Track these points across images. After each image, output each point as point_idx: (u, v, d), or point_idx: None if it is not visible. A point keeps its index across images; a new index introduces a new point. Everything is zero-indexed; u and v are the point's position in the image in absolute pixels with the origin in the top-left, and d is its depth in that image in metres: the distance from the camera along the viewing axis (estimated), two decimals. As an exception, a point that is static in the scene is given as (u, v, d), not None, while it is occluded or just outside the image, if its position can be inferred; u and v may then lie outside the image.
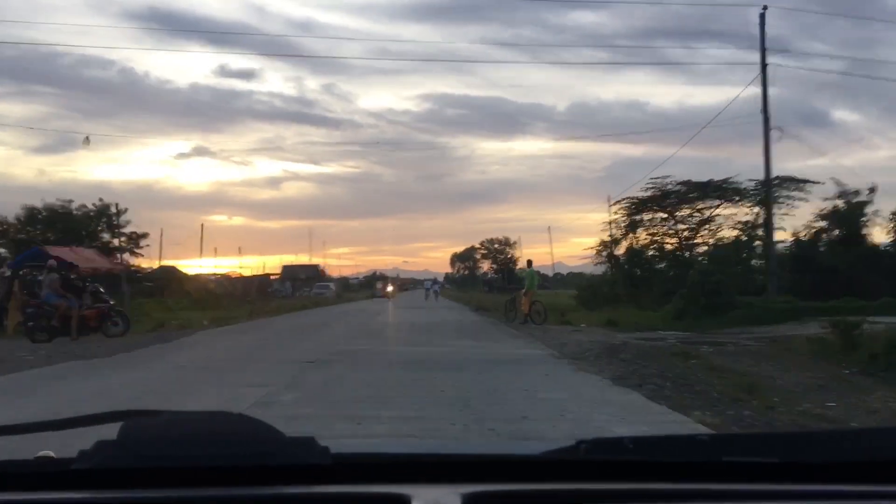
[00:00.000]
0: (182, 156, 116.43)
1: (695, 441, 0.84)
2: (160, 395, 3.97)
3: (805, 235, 13.64)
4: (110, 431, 0.74)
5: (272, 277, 34.09)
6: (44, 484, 0.74)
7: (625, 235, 14.62)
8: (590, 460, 0.78)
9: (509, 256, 56.09)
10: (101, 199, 15.70)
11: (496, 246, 58.42)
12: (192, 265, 26.59)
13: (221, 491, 0.73)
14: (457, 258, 71.79)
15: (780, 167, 14.21)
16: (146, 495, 0.72)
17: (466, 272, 71.74)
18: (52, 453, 0.75)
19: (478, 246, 61.99)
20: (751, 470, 0.77)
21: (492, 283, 52.65)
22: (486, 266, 62.81)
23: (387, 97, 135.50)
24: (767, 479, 0.77)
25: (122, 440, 0.74)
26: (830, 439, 0.88)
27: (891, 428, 0.97)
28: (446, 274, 79.55)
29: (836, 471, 0.77)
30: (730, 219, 13.17)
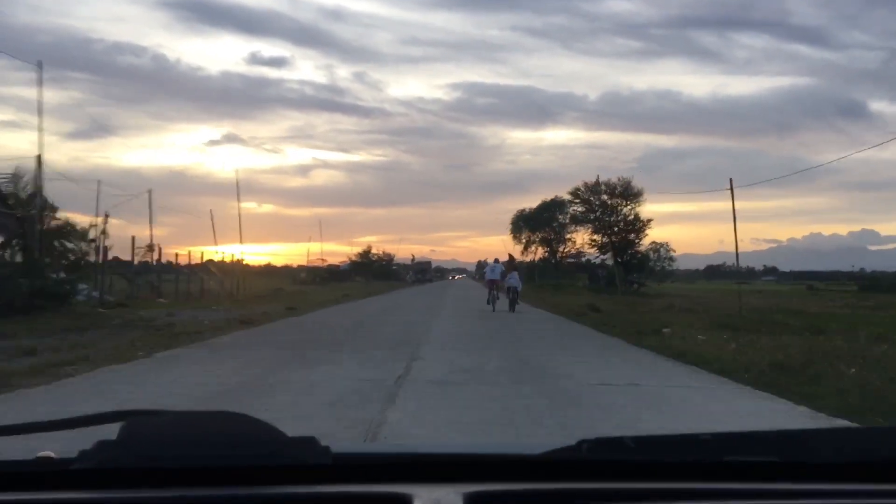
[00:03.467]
0: (213, 143, 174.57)
1: (696, 440, 1.30)
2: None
3: None
4: (111, 431, 1.22)
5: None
6: (44, 484, 1.20)
7: None
8: (591, 460, 1.25)
9: (630, 219, 49.09)
10: None
11: (604, 197, 49.53)
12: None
13: (222, 491, 1.19)
14: (522, 222, 68.83)
15: None
16: (147, 495, 1.18)
17: (546, 251, 66.87)
18: (52, 453, 1.24)
19: (568, 197, 54.10)
20: (752, 469, 1.24)
21: (597, 274, 53.09)
22: (579, 239, 57.89)
23: (417, 86, 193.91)
24: (768, 478, 1.23)
25: (122, 440, 1.21)
26: (831, 439, 1.36)
27: (891, 427, 1.38)
28: (479, 262, 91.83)
29: (836, 470, 1.23)
30: None
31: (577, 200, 53.25)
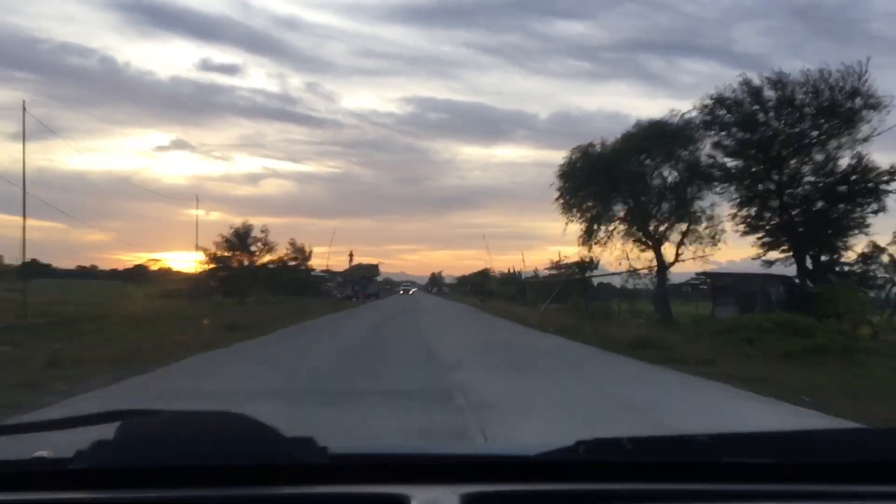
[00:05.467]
0: (161, 148, 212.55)
1: (693, 442, 1.63)
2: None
3: None
4: (108, 432, 1.60)
5: None
6: (40, 484, 1.60)
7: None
8: (588, 461, 1.59)
9: (847, 166, 30.08)
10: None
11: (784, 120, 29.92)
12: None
13: (220, 491, 1.57)
14: (581, 174, 38.54)
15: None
16: (143, 495, 1.56)
17: (642, 247, 37.23)
18: (47, 453, 1.67)
19: (693, 114, 33.07)
20: (748, 470, 1.57)
21: (766, 294, 31.12)
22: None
23: (370, 98, 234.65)
24: (765, 479, 1.56)
25: (119, 440, 1.61)
26: (827, 440, 1.71)
27: (887, 429, 1.82)
28: (432, 275, 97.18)
29: (833, 471, 1.56)
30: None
31: (727, 116, 31.67)
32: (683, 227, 36.85)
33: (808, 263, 30.68)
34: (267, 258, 57.51)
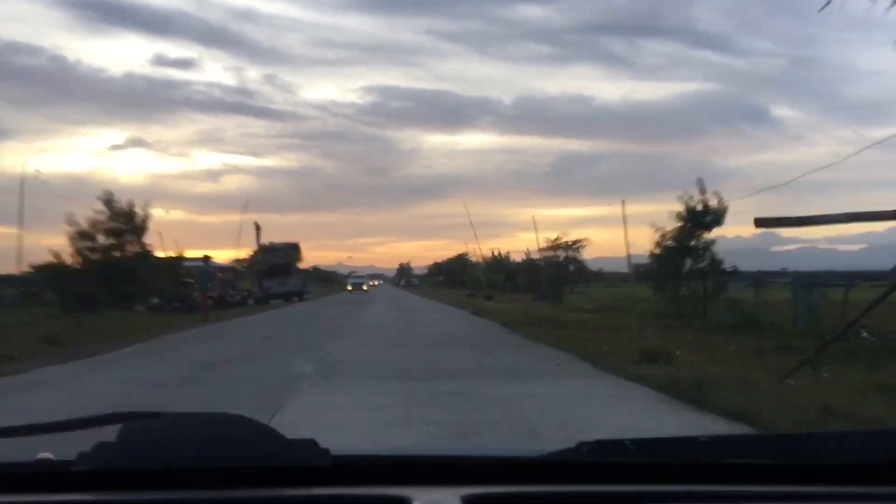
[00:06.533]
0: (116, 147, 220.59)
1: (695, 443, 1.69)
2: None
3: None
4: (110, 433, 1.63)
5: None
6: (43, 486, 1.65)
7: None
8: (590, 462, 1.62)
9: None
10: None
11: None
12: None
13: (221, 493, 1.61)
14: None
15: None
16: (146, 497, 1.61)
17: None
18: (51, 455, 1.68)
19: None
20: (750, 471, 1.59)
21: None
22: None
23: (331, 89, 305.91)
24: (767, 480, 1.58)
25: (121, 442, 1.65)
26: (829, 441, 1.74)
27: (888, 430, 1.82)
28: (400, 265, 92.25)
29: (834, 472, 1.58)
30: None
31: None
32: None
33: None
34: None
